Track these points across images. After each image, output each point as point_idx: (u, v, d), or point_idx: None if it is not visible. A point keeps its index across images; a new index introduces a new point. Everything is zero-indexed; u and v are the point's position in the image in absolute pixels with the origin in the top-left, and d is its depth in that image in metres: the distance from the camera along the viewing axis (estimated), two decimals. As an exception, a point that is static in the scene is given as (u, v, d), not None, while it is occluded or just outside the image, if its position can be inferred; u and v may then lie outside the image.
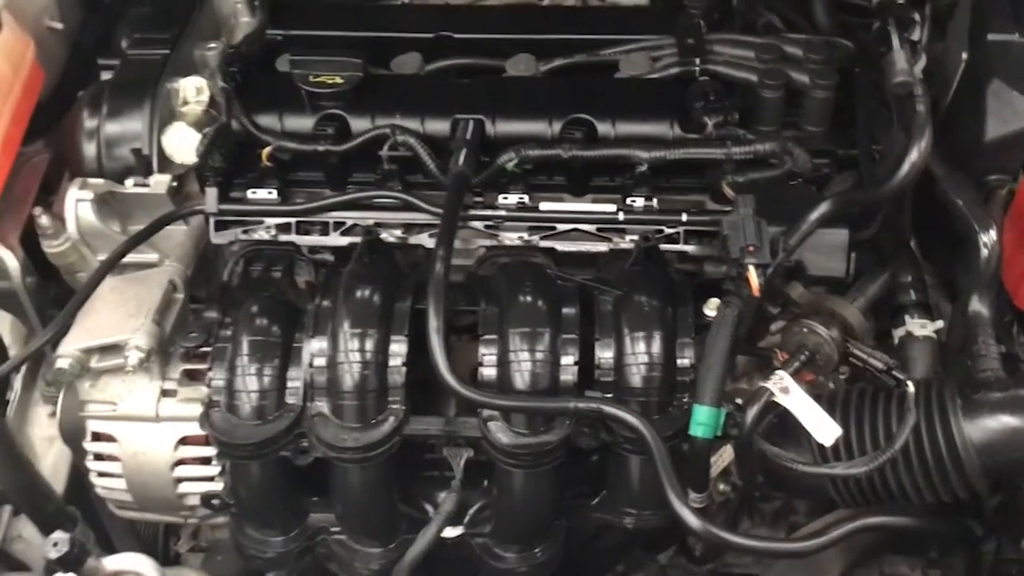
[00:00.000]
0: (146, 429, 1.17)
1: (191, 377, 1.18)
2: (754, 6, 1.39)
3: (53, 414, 1.46)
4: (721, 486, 1.12)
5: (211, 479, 1.18)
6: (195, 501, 1.20)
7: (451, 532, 1.12)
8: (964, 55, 1.18)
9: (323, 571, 1.24)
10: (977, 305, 1.06)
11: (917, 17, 1.20)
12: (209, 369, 1.09)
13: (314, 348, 1.07)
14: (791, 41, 1.29)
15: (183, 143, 1.20)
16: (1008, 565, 1.07)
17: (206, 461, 1.18)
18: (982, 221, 1.08)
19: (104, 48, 1.39)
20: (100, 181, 1.19)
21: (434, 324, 1.00)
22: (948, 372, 1.08)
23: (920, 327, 1.14)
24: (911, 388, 0.97)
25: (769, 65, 1.24)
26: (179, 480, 1.18)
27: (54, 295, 1.33)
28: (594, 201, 1.20)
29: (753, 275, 0.99)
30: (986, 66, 1.15)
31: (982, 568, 1.09)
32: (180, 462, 1.18)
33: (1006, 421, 0.98)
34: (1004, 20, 1.16)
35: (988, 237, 1.07)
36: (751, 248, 1.00)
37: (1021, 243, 1.12)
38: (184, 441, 1.17)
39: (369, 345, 1.05)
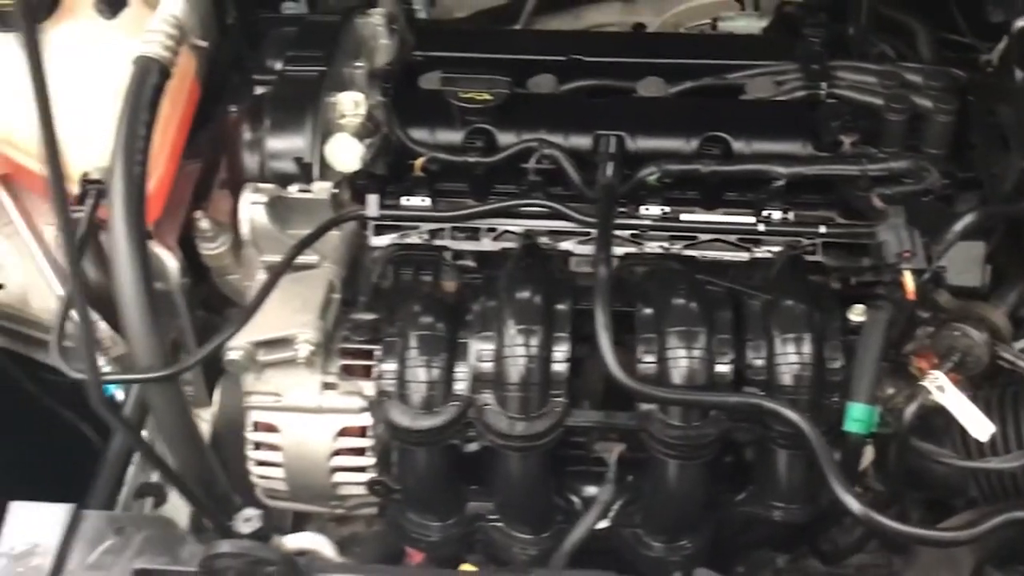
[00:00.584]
0: (308, 420, 1.23)
1: (349, 372, 1.25)
2: (868, 37, 1.47)
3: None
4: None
5: (364, 470, 1.25)
6: (347, 491, 1.27)
7: (601, 523, 1.18)
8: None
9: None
10: None
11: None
12: (381, 361, 1.16)
13: (481, 344, 1.14)
14: (909, 69, 1.36)
15: (346, 152, 1.27)
16: None
17: (360, 452, 1.25)
18: None
19: (237, 66, 1.48)
20: (271, 186, 1.27)
21: (602, 321, 1.07)
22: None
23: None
24: None
25: (893, 90, 1.31)
26: (335, 470, 1.25)
27: (203, 297, 1.40)
28: (728, 214, 1.27)
29: (909, 279, 1.06)
30: None
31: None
32: (337, 452, 1.24)
33: None
34: None
35: None
36: (907, 254, 1.07)
37: None
38: (342, 432, 1.24)
39: (534, 341, 1.12)
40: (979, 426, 1.03)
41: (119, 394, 1.42)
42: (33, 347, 1.49)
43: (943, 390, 1.04)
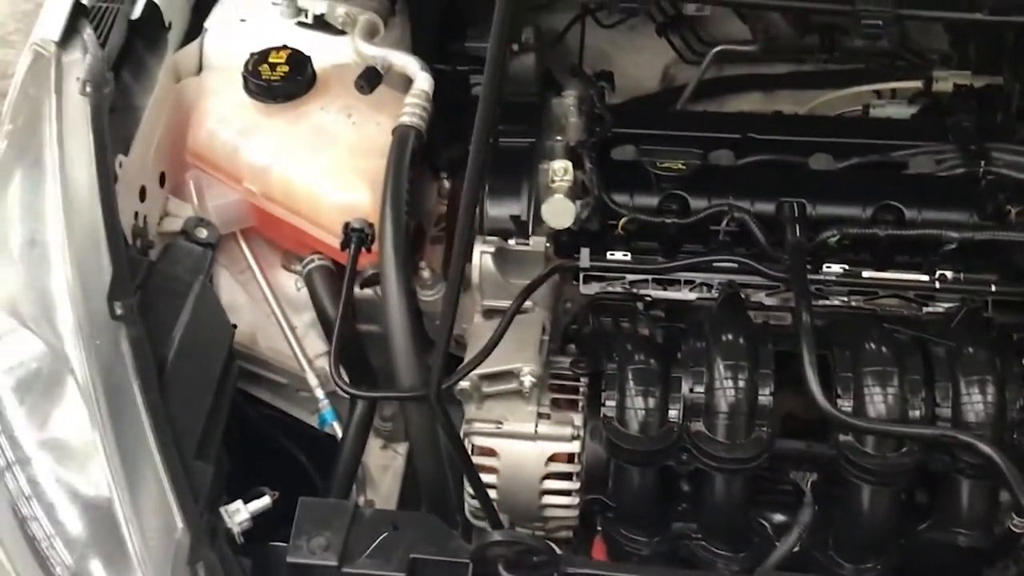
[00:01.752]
0: (524, 446, 1.38)
1: (558, 405, 1.40)
2: (1011, 122, 1.63)
3: (384, 446, 1.71)
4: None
5: (569, 493, 1.39)
6: (552, 512, 1.40)
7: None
8: None
9: None
10: None
11: None
12: (604, 392, 1.31)
13: (693, 378, 1.29)
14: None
15: (561, 212, 1.45)
16: None
17: (567, 477, 1.39)
18: None
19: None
20: (496, 239, 1.45)
21: (809, 359, 1.22)
22: None
23: None
24: None
25: (1047, 169, 1.47)
26: (544, 492, 1.39)
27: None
28: (903, 274, 1.42)
29: None
30: None
31: None
32: (547, 476, 1.39)
33: None
34: None
35: None
36: None
37: None
38: (553, 458, 1.39)
39: (742, 376, 1.27)
40: None
41: (336, 425, 1.58)
42: (255, 384, 1.67)
43: None
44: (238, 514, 1.16)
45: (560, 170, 1.49)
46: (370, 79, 1.44)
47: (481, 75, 1.77)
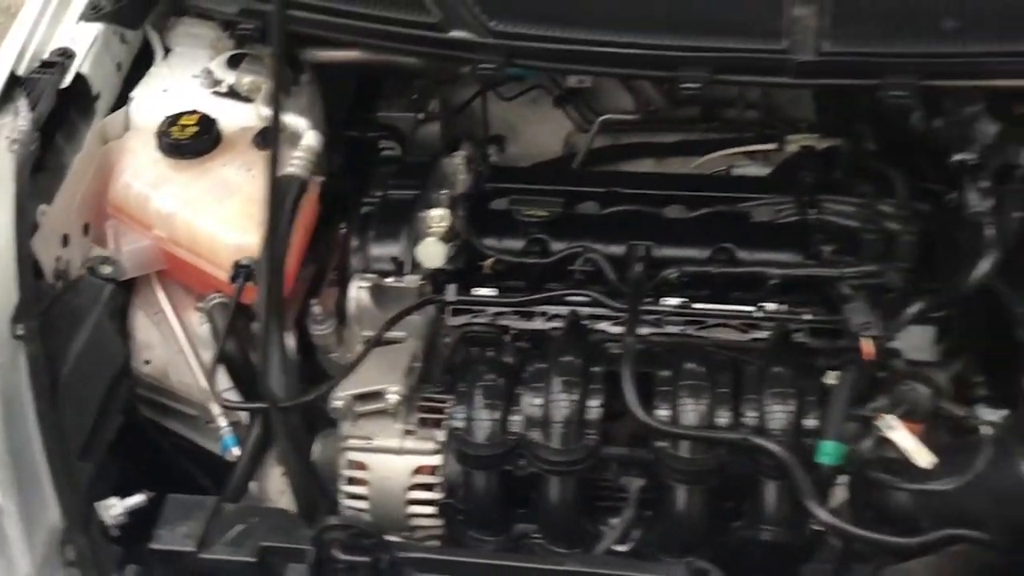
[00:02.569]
0: (391, 460, 1.54)
1: (425, 424, 1.56)
2: (851, 180, 1.81)
3: (284, 473, 1.86)
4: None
5: (433, 503, 1.53)
6: (418, 521, 1.55)
7: (622, 547, 1.45)
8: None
9: None
10: None
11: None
12: (454, 406, 1.48)
13: (533, 393, 1.45)
14: (883, 203, 1.70)
15: (433, 253, 1.63)
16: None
17: (431, 488, 1.54)
18: None
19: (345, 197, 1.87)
20: (373, 276, 1.63)
21: (628, 374, 1.39)
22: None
23: (990, 414, 1.47)
24: (985, 430, 1.31)
25: (868, 215, 1.65)
26: (410, 502, 1.54)
27: (309, 374, 1.74)
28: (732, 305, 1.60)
29: (867, 344, 1.36)
30: None
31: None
32: (413, 487, 1.53)
33: None
34: None
35: None
36: (865, 324, 1.38)
37: None
38: (418, 471, 1.54)
39: (575, 391, 1.43)
40: (921, 456, 1.30)
41: (235, 451, 1.73)
42: (167, 415, 1.83)
43: (893, 428, 1.32)
44: (113, 508, 1.31)
45: (436, 217, 1.68)
46: (266, 137, 1.64)
47: (388, 140, 2.01)
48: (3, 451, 1.28)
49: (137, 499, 1.35)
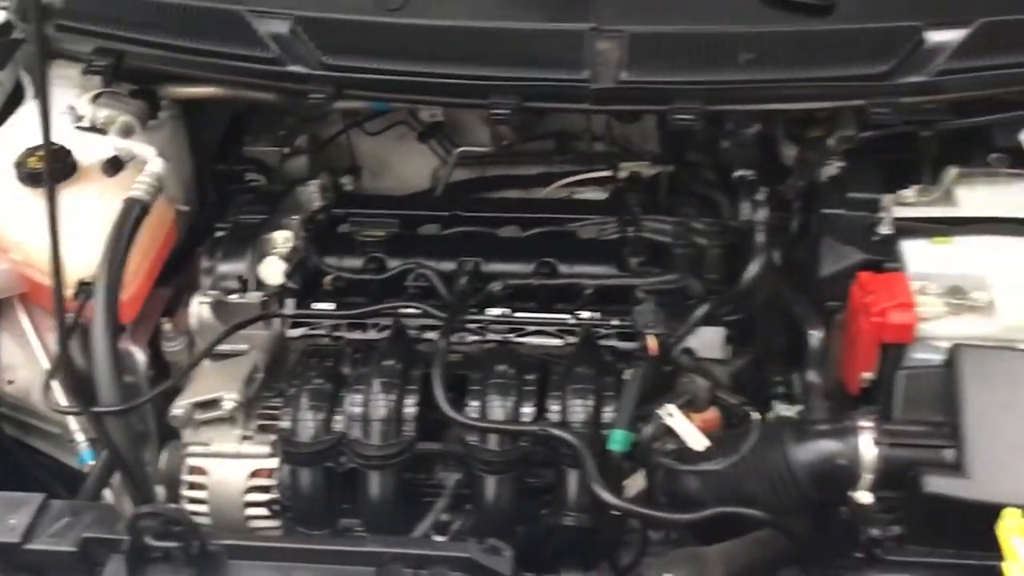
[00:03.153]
0: (228, 464, 1.63)
1: (263, 430, 1.66)
2: (676, 202, 1.96)
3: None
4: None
5: (269, 504, 1.62)
6: (257, 523, 1.63)
7: (440, 537, 1.55)
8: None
9: None
10: (811, 377, 1.55)
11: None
12: (282, 408, 1.58)
13: (355, 395, 1.56)
14: (698, 221, 1.84)
15: (273, 271, 1.74)
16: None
17: (266, 490, 1.63)
18: (811, 323, 1.59)
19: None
20: (215, 292, 1.73)
21: (437, 374, 1.50)
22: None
23: (786, 409, 1.61)
24: (756, 415, 1.44)
25: (680, 232, 1.79)
26: (247, 504, 1.63)
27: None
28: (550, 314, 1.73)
29: (651, 342, 1.49)
30: (820, 228, 1.70)
31: None
32: (250, 489, 1.63)
33: (825, 445, 1.42)
34: (833, 199, 1.72)
35: (816, 331, 1.57)
36: (648, 324, 1.51)
37: (849, 346, 1.61)
38: (255, 474, 1.63)
39: (393, 391, 1.54)
40: (696, 441, 1.42)
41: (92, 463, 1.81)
42: (29, 434, 1.91)
43: (671, 416, 1.44)
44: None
45: (280, 238, 1.80)
46: (113, 164, 1.75)
47: (255, 174, 2.12)
48: None
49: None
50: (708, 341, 1.63)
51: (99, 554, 1.35)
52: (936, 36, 1.62)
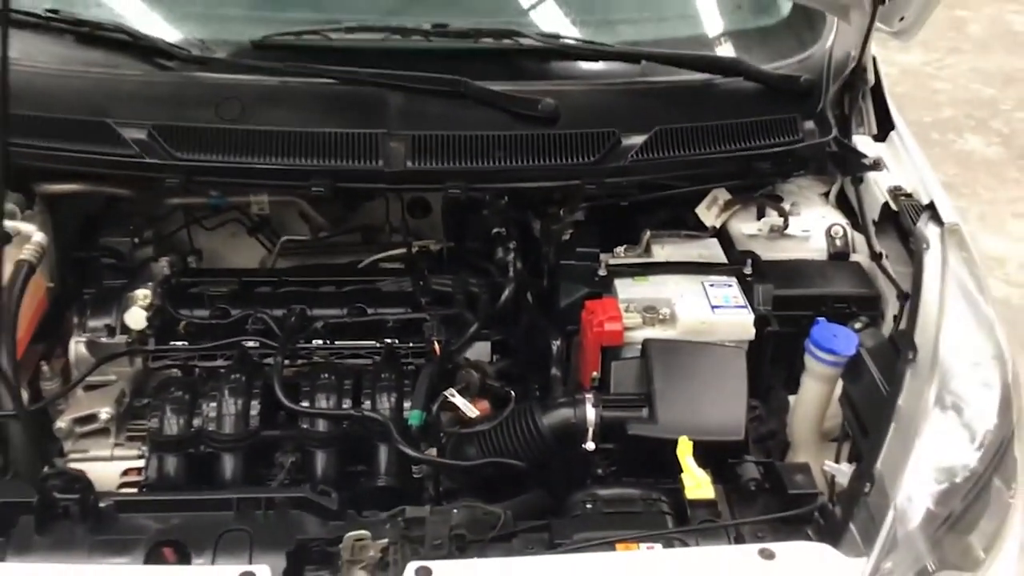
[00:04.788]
0: (103, 466, 2.03)
1: (130, 439, 2.08)
2: (458, 266, 2.55)
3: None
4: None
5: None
6: (127, 515, 2.02)
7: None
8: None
9: None
10: (554, 371, 2.14)
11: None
12: (149, 414, 2.02)
13: (210, 400, 2.02)
14: (469, 277, 2.44)
15: (136, 319, 2.19)
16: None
17: (136, 486, 2.03)
18: (553, 336, 2.20)
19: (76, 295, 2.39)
20: (90, 334, 2.16)
21: (277, 378, 2.00)
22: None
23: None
24: (513, 393, 2.02)
25: (458, 284, 2.38)
26: (120, 498, 2.02)
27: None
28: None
29: (436, 346, 2.05)
30: (558, 274, 2.33)
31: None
32: (121, 485, 2.02)
33: (563, 412, 2.00)
34: (567, 254, 2.36)
35: (556, 341, 2.19)
36: (434, 334, 2.08)
37: (582, 354, 2.22)
38: (125, 472, 2.03)
39: (239, 395, 2.01)
40: (469, 411, 1.98)
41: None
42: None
43: (453, 396, 2.00)
44: None
45: (140, 294, 2.25)
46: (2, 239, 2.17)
47: (110, 259, 2.56)
48: None
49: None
50: (479, 351, 2.21)
51: (12, 516, 1.72)
52: (628, 139, 2.32)
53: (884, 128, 2.63)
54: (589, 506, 1.83)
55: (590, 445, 1.98)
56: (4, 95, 1.84)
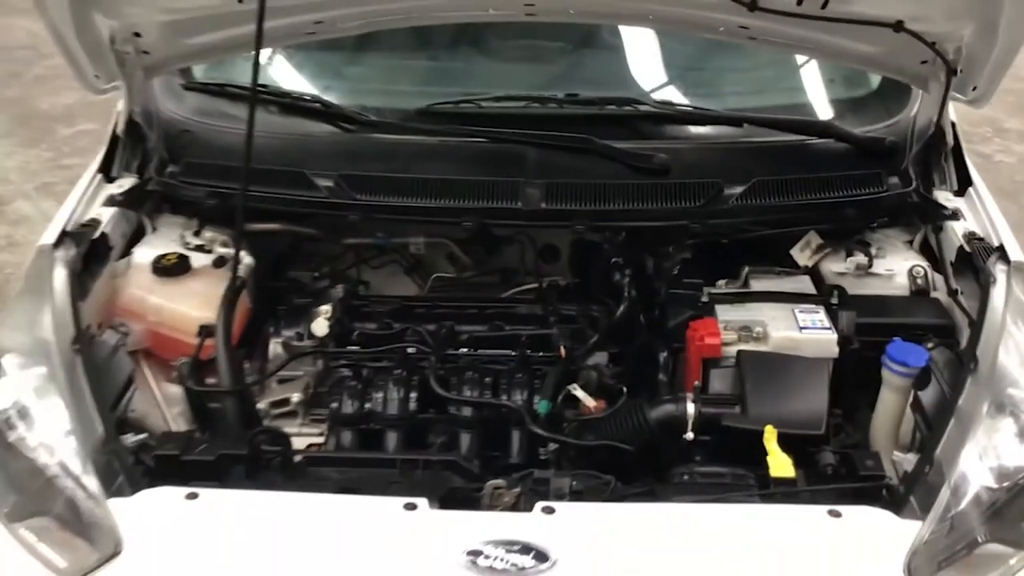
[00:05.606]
0: (293, 440, 2.52)
1: (313, 420, 2.57)
2: (582, 297, 2.99)
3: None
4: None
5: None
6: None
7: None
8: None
9: None
10: (660, 377, 2.53)
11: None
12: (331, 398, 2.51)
13: (377, 389, 2.50)
14: (591, 304, 2.87)
15: (320, 326, 2.70)
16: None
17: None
18: (660, 349, 2.59)
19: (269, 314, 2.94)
20: (282, 338, 2.69)
21: (432, 374, 2.46)
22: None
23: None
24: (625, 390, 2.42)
25: (582, 309, 2.81)
26: (303, 467, 2.50)
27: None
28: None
29: (562, 350, 2.48)
30: (668, 300, 2.74)
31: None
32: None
33: (667, 407, 2.39)
34: (676, 284, 2.77)
35: (663, 353, 2.58)
36: (560, 341, 2.51)
37: (686, 366, 2.61)
38: (309, 446, 2.51)
39: (401, 384, 2.49)
40: (588, 402, 2.39)
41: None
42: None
43: (576, 390, 2.41)
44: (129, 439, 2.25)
45: (323, 310, 2.77)
46: (220, 261, 2.74)
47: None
48: (71, 405, 2.22)
49: (140, 436, 2.28)
50: (598, 360, 2.62)
51: (227, 464, 2.21)
52: (730, 188, 2.74)
53: (963, 184, 2.94)
54: (686, 477, 2.20)
55: (689, 435, 2.35)
56: (247, 155, 2.39)
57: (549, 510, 1.97)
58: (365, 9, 2.70)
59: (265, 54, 3.21)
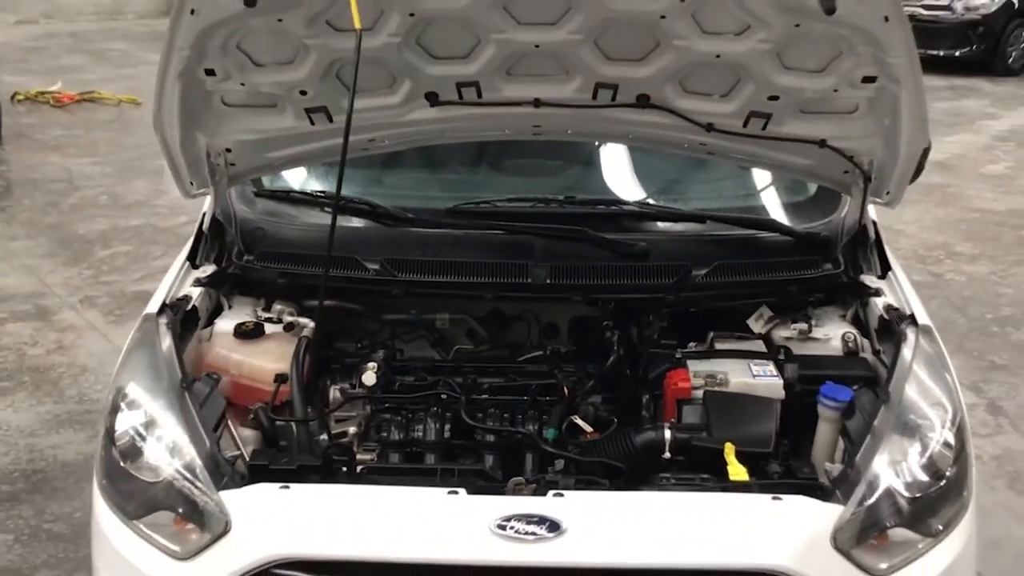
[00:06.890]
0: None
1: (365, 450, 3.20)
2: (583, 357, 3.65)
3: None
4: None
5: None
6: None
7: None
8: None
9: None
10: (643, 413, 3.18)
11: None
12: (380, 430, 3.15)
13: (418, 424, 3.15)
14: (590, 364, 3.54)
15: (368, 378, 3.36)
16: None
17: (369, 480, 3.13)
18: (642, 393, 3.24)
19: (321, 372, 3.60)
20: (339, 386, 3.34)
21: (464, 403, 3.11)
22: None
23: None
24: (616, 420, 3.06)
25: (579, 368, 3.48)
26: (358, 486, 3.12)
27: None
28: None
29: (566, 391, 3.14)
30: (648, 359, 3.41)
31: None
32: (360, 478, 3.12)
33: (649, 432, 3.02)
34: (655, 344, 3.46)
35: (644, 396, 3.23)
36: (563, 383, 3.18)
37: (663, 409, 3.27)
38: (363, 470, 3.13)
39: (437, 419, 3.13)
40: (587, 429, 3.03)
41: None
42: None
43: (577, 420, 3.05)
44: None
45: (371, 365, 3.42)
46: (290, 326, 3.42)
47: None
48: (183, 425, 2.85)
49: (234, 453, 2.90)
50: (594, 400, 3.28)
51: (304, 473, 2.83)
52: (697, 270, 3.46)
53: (885, 269, 3.67)
54: (664, 480, 2.83)
55: (667, 455, 2.99)
56: (329, 244, 3.08)
57: (560, 495, 2.61)
58: (408, 130, 3.47)
59: (320, 167, 3.98)
